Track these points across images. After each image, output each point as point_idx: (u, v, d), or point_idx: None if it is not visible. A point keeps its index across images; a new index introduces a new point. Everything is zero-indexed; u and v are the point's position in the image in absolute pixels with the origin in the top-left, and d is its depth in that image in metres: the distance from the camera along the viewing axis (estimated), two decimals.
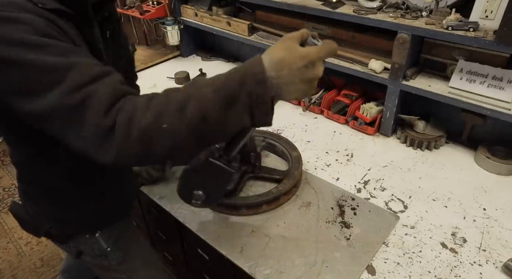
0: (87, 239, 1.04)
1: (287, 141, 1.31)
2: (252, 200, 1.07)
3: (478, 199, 1.13)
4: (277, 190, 1.09)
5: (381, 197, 1.14)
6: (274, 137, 1.33)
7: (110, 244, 1.07)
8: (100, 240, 1.05)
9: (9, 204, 2.52)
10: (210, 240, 1.01)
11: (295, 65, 0.63)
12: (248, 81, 0.61)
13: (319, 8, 1.38)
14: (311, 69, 0.64)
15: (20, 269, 2.11)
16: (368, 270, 0.91)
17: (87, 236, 1.04)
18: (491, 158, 1.23)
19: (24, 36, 0.61)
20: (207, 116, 0.61)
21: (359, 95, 1.54)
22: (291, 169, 1.18)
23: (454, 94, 1.20)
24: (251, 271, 0.91)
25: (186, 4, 2.02)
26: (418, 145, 1.35)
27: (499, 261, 0.93)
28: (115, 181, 1.05)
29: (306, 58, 0.63)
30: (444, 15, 1.18)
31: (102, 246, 1.06)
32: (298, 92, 0.66)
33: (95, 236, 1.04)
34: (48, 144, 0.84)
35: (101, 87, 0.62)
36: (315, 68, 0.65)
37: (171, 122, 0.60)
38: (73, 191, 0.95)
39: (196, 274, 1.47)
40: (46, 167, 0.90)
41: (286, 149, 1.28)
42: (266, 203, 1.08)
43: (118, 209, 1.09)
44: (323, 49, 0.67)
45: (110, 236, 1.07)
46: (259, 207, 1.08)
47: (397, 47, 1.23)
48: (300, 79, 0.64)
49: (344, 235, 1.00)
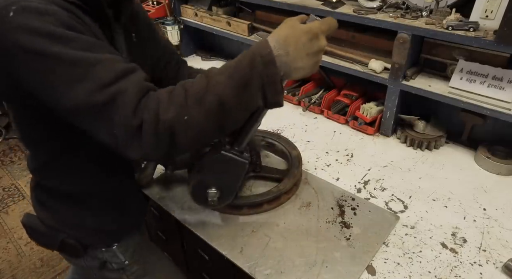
0: (104, 252, 1.01)
1: (287, 141, 1.31)
2: (253, 199, 1.07)
3: (478, 199, 1.13)
4: (277, 189, 1.09)
5: (381, 197, 1.14)
6: (273, 136, 1.33)
7: (128, 257, 1.04)
8: (118, 253, 1.02)
9: (9, 204, 2.54)
10: (210, 240, 1.01)
11: (300, 40, 0.66)
12: (258, 63, 0.64)
13: (319, 8, 1.39)
14: (315, 42, 0.67)
15: (20, 269, 2.11)
16: (368, 270, 0.91)
17: (104, 249, 1.00)
18: (491, 158, 1.23)
19: (51, 28, 0.61)
20: (224, 103, 0.64)
21: (359, 95, 1.54)
22: (291, 168, 1.18)
23: (454, 94, 1.20)
24: (251, 271, 0.91)
25: (186, 4, 2.02)
26: (418, 145, 1.35)
27: (499, 261, 0.93)
28: (133, 188, 1.04)
29: (309, 32, 0.66)
30: (444, 15, 1.18)
31: (120, 259, 1.03)
32: (305, 68, 0.69)
33: (113, 248, 1.00)
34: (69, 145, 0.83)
35: (129, 85, 0.63)
36: (319, 41, 0.68)
37: (192, 114, 0.63)
38: (91, 197, 0.93)
39: (196, 274, 1.47)
40: (64, 173, 0.88)
41: (286, 148, 1.28)
42: (267, 202, 1.08)
43: (136, 217, 1.08)
44: (324, 22, 0.70)
45: (128, 249, 1.04)
46: (260, 206, 1.08)
47: (397, 47, 1.23)
48: (307, 53, 0.67)
49: (344, 235, 1.00)
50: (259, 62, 0.64)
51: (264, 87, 0.66)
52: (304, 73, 0.70)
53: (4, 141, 3.20)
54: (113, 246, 1.01)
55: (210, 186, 0.92)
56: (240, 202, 1.06)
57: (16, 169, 2.91)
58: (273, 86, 0.66)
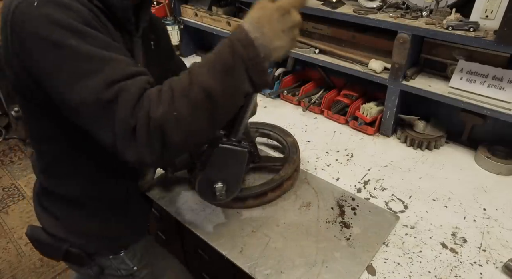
0: (111, 259, 1.00)
1: (281, 129, 1.33)
2: (257, 189, 1.07)
3: (478, 199, 1.13)
4: (279, 176, 1.10)
5: (381, 197, 1.14)
6: (267, 126, 1.34)
7: (136, 262, 1.04)
8: (126, 260, 1.01)
9: (9, 204, 2.54)
10: (210, 240, 1.01)
11: (273, 19, 0.66)
12: (237, 48, 0.64)
13: (319, 8, 1.38)
14: (288, 17, 0.67)
15: (20, 269, 2.11)
16: (368, 270, 0.91)
17: (111, 257, 1.00)
18: (491, 158, 1.23)
19: (71, 22, 0.63)
20: (211, 93, 0.64)
21: (359, 95, 1.54)
22: (289, 155, 1.19)
23: (454, 94, 1.20)
24: (251, 271, 0.91)
25: (186, 4, 2.02)
26: (418, 145, 1.35)
27: (499, 261, 0.93)
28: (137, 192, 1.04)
29: (280, 8, 0.67)
30: (444, 15, 1.18)
31: (128, 266, 1.02)
32: (284, 46, 0.69)
33: (120, 255, 1.00)
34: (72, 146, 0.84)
35: (132, 85, 0.64)
36: (291, 15, 0.67)
37: (180, 109, 0.63)
38: (95, 201, 0.93)
39: (196, 274, 1.47)
40: (67, 175, 0.88)
41: (281, 136, 1.30)
42: (271, 190, 1.09)
43: (141, 221, 1.07)
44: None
45: (135, 254, 1.04)
46: (265, 196, 1.09)
47: (397, 47, 1.23)
48: (282, 30, 0.67)
49: (344, 235, 1.00)
50: (239, 46, 0.64)
51: (248, 70, 0.66)
52: (283, 51, 0.70)
53: (4, 141, 3.20)
54: (120, 253, 1.00)
55: (216, 181, 0.93)
56: (245, 194, 1.06)
57: (16, 169, 2.91)
58: (257, 67, 0.66)
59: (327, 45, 1.51)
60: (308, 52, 1.51)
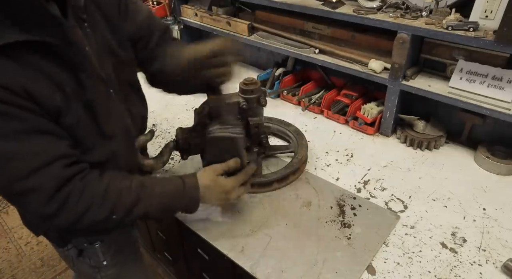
0: (85, 247, 1.01)
1: (279, 120, 1.38)
2: (281, 173, 1.16)
3: (478, 199, 1.13)
4: (297, 159, 1.21)
5: (381, 197, 1.14)
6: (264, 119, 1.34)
7: (107, 257, 1.04)
8: (99, 252, 1.02)
9: (9, 204, 2.53)
10: (211, 239, 1.01)
11: (215, 191, 0.93)
12: (187, 199, 0.90)
13: (319, 8, 1.39)
14: (224, 195, 0.94)
15: (20, 269, 2.11)
16: (368, 270, 0.91)
17: (85, 245, 1.01)
18: (491, 158, 1.23)
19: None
20: (148, 215, 0.86)
21: (359, 95, 1.54)
22: (297, 140, 1.27)
23: (454, 94, 1.20)
24: (252, 271, 0.91)
25: (186, 4, 2.02)
26: (418, 145, 1.35)
27: (499, 261, 0.93)
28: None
29: (223, 188, 0.93)
30: (444, 15, 1.18)
31: (99, 258, 1.04)
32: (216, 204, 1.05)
33: (95, 246, 1.01)
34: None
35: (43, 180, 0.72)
36: (228, 194, 0.94)
37: (120, 217, 0.81)
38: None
39: (196, 274, 1.47)
40: None
41: (281, 126, 1.36)
42: (292, 173, 1.18)
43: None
44: (237, 180, 0.95)
45: (109, 248, 1.04)
46: (287, 179, 1.18)
47: (397, 47, 1.24)
48: (217, 199, 0.95)
49: (344, 234, 1.00)
50: (188, 199, 0.90)
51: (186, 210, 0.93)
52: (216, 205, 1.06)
53: None
54: (95, 244, 1.01)
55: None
56: (271, 178, 1.15)
57: None
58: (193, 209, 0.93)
59: (327, 45, 1.51)
60: (308, 52, 1.51)
